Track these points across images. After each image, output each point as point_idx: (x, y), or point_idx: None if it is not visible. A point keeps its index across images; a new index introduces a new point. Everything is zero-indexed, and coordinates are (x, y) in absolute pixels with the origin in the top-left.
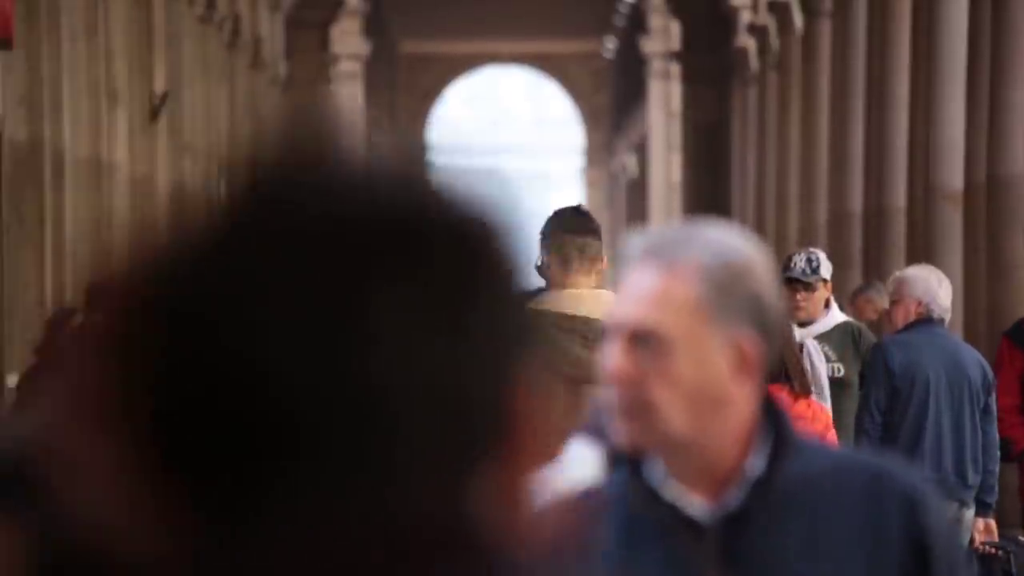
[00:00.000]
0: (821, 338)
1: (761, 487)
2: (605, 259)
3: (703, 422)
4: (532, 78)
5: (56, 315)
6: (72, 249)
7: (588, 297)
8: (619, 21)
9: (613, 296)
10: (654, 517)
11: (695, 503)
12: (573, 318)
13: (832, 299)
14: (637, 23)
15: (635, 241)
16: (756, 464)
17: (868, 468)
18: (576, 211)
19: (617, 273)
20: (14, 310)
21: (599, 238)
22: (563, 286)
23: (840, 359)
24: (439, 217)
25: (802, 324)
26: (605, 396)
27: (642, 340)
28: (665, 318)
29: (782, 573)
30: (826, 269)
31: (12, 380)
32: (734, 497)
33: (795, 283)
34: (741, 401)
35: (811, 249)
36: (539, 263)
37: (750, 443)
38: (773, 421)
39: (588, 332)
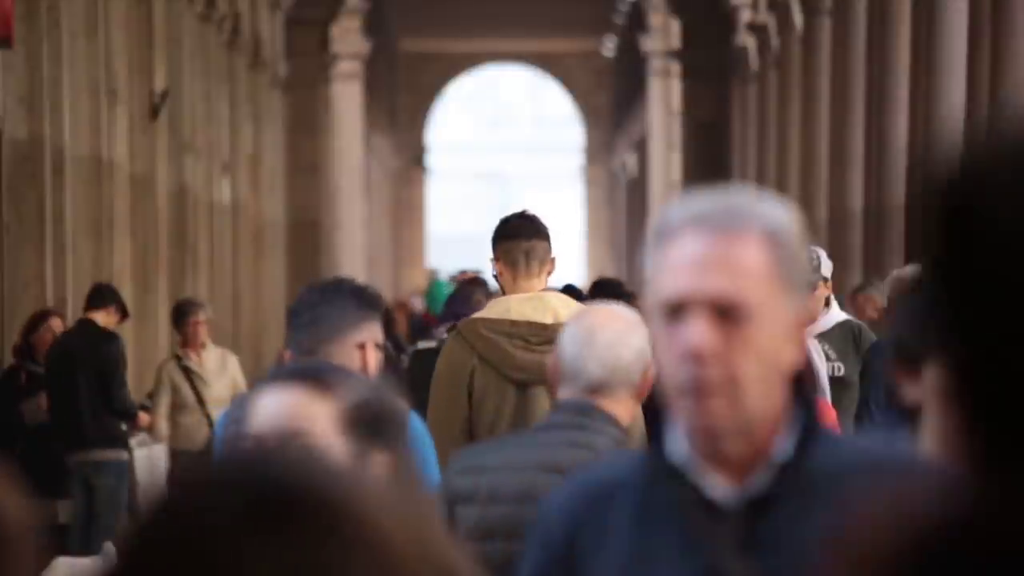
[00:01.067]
0: (821, 337)
1: (788, 472)
2: (554, 260)
3: (772, 399)
4: (532, 76)
5: (35, 316)
6: (72, 248)
7: (536, 300)
8: (619, 19)
9: (560, 297)
10: (673, 498)
11: (719, 485)
12: (518, 324)
13: (832, 298)
14: (637, 21)
15: (675, 210)
16: (784, 448)
17: (896, 461)
18: (522, 217)
19: (657, 244)
20: (14, 309)
21: (546, 239)
22: (513, 291)
23: (840, 358)
24: None
25: None
26: (674, 375)
27: (725, 311)
28: (747, 287)
29: (803, 562)
30: (826, 267)
31: None
32: (760, 481)
33: None
34: (787, 377)
35: (811, 247)
36: (493, 271)
37: (780, 425)
38: (803, 404)
39: (532, 336)
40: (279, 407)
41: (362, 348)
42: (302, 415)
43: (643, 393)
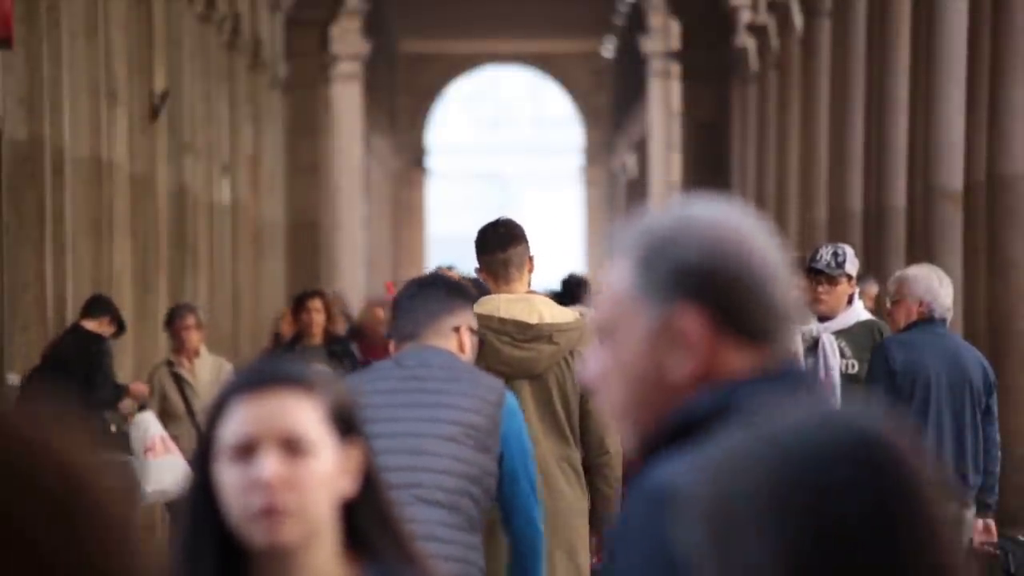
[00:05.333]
0: (840, 334)
1: None
2: (532, 258)
3: (639, 404)
4: (532, 77)
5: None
6: (72, 249)
7: (523, 302)
8: (619, 20)
9: (544, 300)
10: None
11: None
12: (505, 321)
13: (856, 296)
14: (637, 22)
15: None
16: None
17: None
18: (495, 228)
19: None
20: (14, 310)
21: (522, 243)
22: (498, 293)
23: (856, 356)
24: None
25: (822, 318)
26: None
27: (600, 335)
28: (606, 309)
29: None
30: (852, 265)
31: (13, 379)
32: None
33: (818, 275)
34: (680, 383)
35: (840, 244)
36: (478, 277)
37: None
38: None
39: (518, 334)
40: (264, 411)
41: (457, 331)
42: (290, 416)
43: None
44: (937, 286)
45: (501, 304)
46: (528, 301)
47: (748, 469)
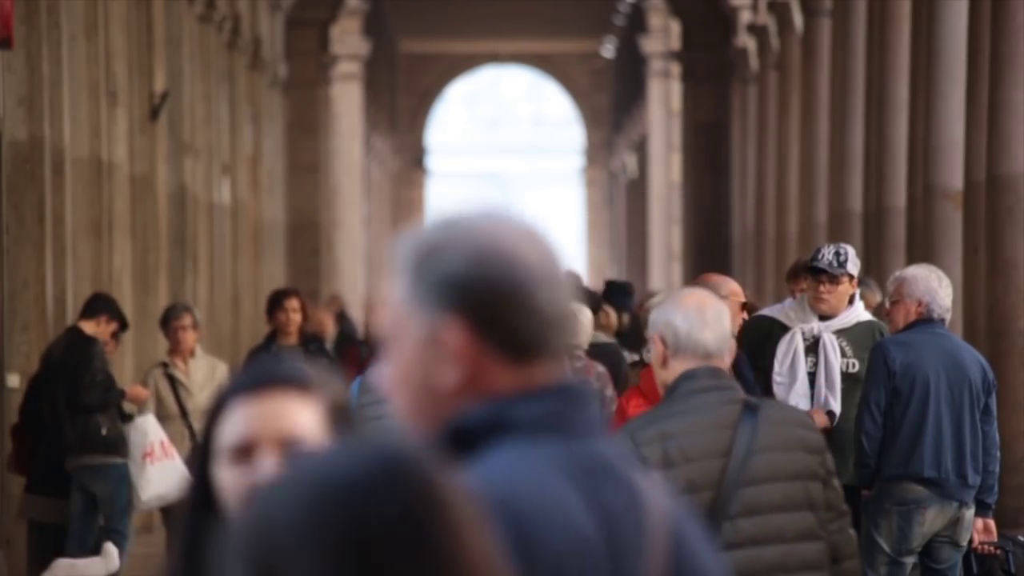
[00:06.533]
0: (841, 333)
1: None
2: None
3: (419, 412)
4: (532, 78)
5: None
6: (72, 249)
7: None
8: (619, 21)
9: None
10: None
11: None
12: None
13: (858, 295)
14: (637, 23)
15: None
16: None
17: None
18: None
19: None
20: (14, 310)
21: None
22: None
23: (856, 355)
24: None
25: (823, 317)
26: None
27: (387, 344)
28: (389, 319)
29: None
30: (853, 265)
31: (13, 381)
32: None
33: (820, 274)
34: (449, 394)
35: (842, 244)
36: None
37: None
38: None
39: None
40: (263, 412)
41: None
42: (289, 417)
43: (732, 355)
44: (936, 286)
45: None
46: None
47: (285, 500)
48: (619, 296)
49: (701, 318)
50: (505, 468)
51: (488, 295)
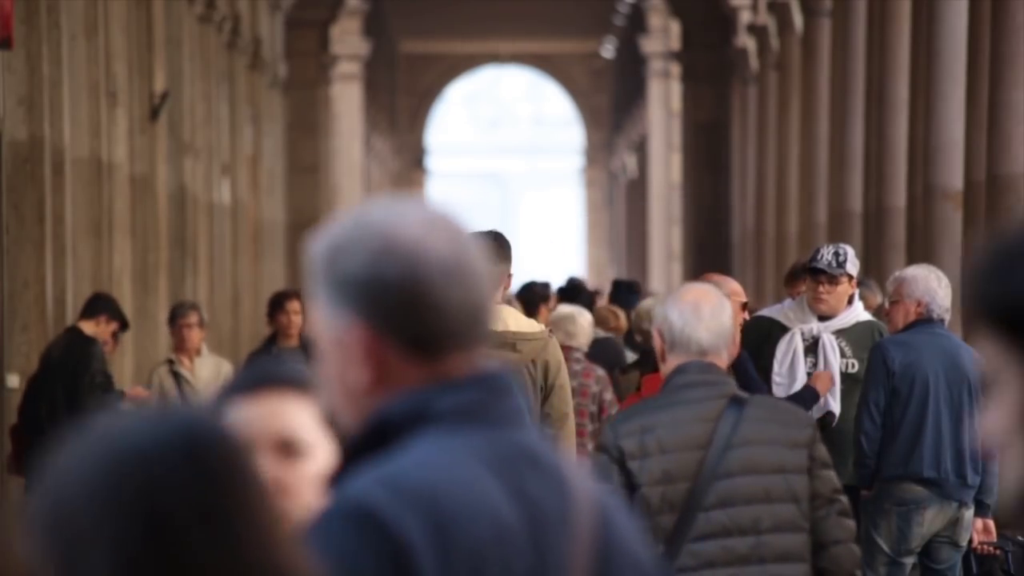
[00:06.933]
0: (840, 333)
1: None
2: (511, 276)
3: (344, 409)
4: (532, 78)
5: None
6: (72, 249)
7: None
8: (618, 21)
9: (511, 311)
10: None
11: None
12: None
13: (857, 296)
14: (637, 23)
15: None
16: None
17: None
18: (484, 239)
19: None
20: (14, 310)
21: (506, 262)
22: None
23: (856, 355)
24: None
25: (823, 317)
26: None
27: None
28: (313, 319)
29: None
30: (852, 265)
31: (12, 381)
32: None
33: (819, 274)
34: (363, 392)
35: (841, 244)
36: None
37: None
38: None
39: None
40: (260, 412)
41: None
42: (285, 418)
43: (734, 353)
44: (936, 286)
45: None
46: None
47: (81, 473)
48: (626, 295)
49: (696, 314)
50: (423, 458)
51: (388, 294)
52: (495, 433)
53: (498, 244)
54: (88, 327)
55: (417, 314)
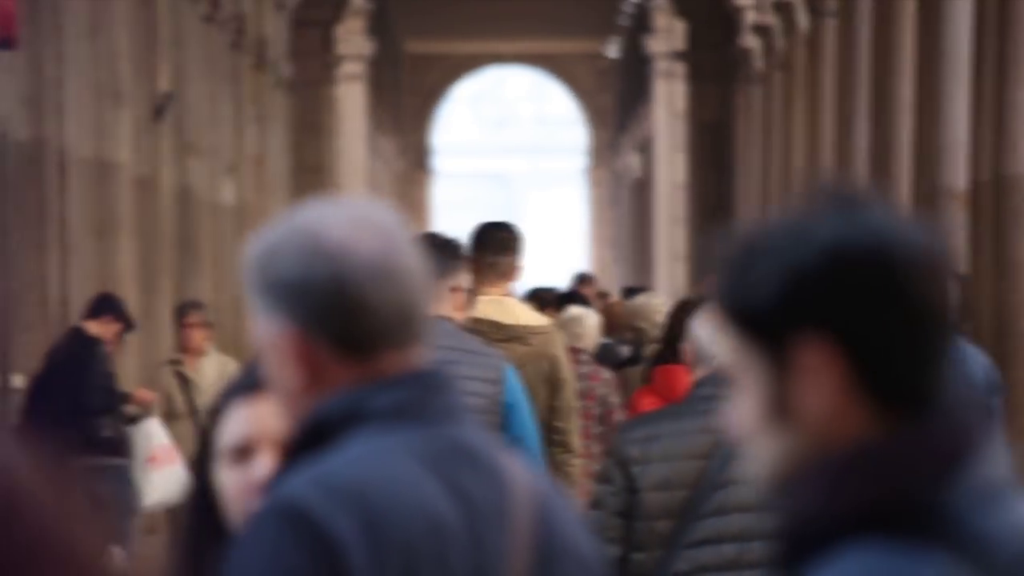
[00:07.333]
0: None
1: None
2: (517, 269)
3: (287, 410)
4: (536, 78)
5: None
6: (76, 250)
7: (499, 303)
8: (623, 21)
9: (519, 303)
10: None
11: None
12: (481, 321)
13: None
14: (641, 23)
15: None
16: None
17: None
18: (497, 230)
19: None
20: (18, 310)
21: (517, 253)
22: (479, 292)
23: None
24: None
25: None
26: None
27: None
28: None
29: None
30: None
31: (18, 381)
32: None
33: None
34: (300, 393)
35: None
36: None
37: None
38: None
39: (492, 333)
40: (261, 412)
41: (454, 291)
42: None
43: None
44: None
45: (479, 305)
46: (503, 303)
47: None
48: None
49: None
50: (355, 456)
51: (316, 295)
52: (431, 430)
53: (507, 236)
54: (92, 327)
55: (346, 314)
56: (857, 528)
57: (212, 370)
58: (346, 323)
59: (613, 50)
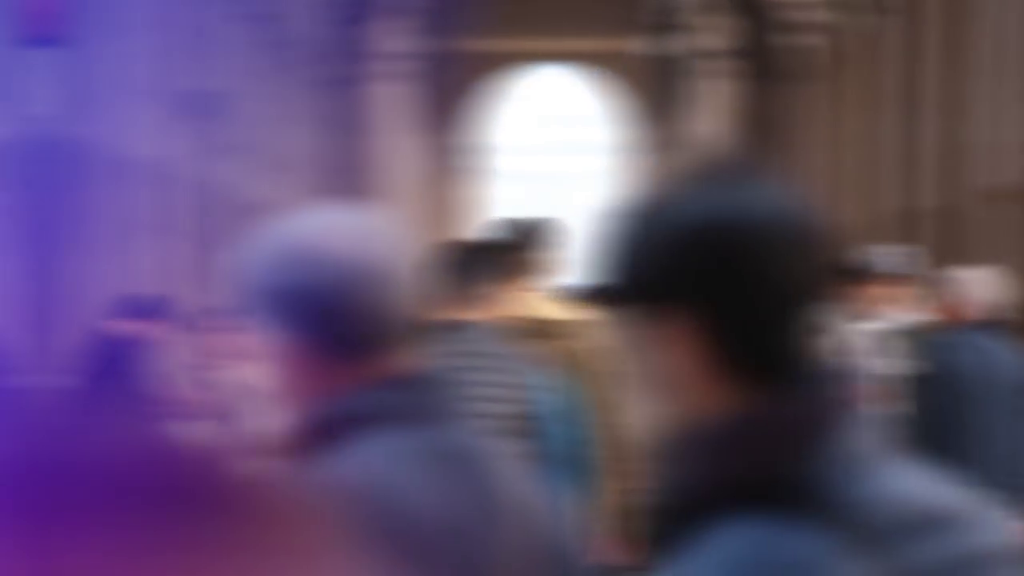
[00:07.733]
0: (888, 334)
1: None
2: (555, 264)
3: (286, 417)
4: (583, 77)
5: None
6: (127, 249)
7: (524, 298)
8: (669, 18)
9: (544, 297)
10: None
11: None
12: (518, 318)
13: (909, 297)
14: (687, 21)
15: None
16: None
17: None
18: (535, 227)
19: None
20: (65, 311)
21: (551, 250)
22: (516, 291)
23: (903, 356)
24: None
25: (874, 318)
26: None
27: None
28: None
29: None
30: (908, 266)
31: (62, 380)
32: None
33: (876, 276)
34: (299, 396)
35: (900, 245)
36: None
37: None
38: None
39: (527, 328)
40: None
41: (487, 293)
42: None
43: None
44: (982, 287)
45: (515, 301)
46: (531, 298)
47: None
48: None
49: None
50: (351, 460)
51: (303, 301)
52: (425, 431)
53: (537, 232)
54: (142, 328)
55: (333, 318)
56: (730, 501)
57: None
58: (334, 327)
59: (656, 47)
